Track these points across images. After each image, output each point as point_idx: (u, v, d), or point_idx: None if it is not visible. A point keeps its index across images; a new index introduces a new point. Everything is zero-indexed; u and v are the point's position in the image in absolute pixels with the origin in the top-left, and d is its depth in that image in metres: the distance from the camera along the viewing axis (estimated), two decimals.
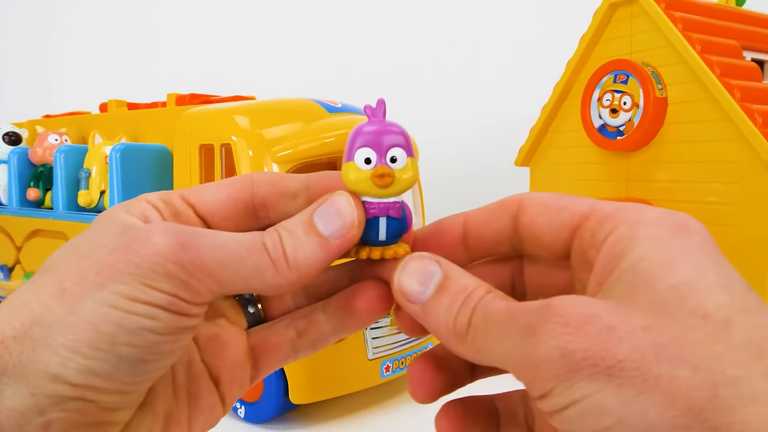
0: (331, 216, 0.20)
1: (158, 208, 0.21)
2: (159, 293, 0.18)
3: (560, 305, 0.16)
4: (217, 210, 0.22)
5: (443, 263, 0.20)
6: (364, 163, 0.20)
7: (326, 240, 0.20)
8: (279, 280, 0.20)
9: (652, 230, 0.17)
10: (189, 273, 0.18)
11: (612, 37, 0.62)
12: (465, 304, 0.19)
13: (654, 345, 0.15)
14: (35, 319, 0.17)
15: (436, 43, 1.27)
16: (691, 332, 0.15)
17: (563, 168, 0.68)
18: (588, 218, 0.19)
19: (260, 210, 0.23)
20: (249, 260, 0.19)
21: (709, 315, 0.15)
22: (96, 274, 0.18)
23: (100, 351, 0.17)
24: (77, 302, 0.17)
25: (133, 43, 1.32)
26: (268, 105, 0.55)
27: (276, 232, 0.20)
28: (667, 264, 0.16)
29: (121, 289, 0.17)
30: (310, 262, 0.20)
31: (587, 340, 0.15)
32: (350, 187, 0.21)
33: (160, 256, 0.18)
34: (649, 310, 0.15)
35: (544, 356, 0.16)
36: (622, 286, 0.16)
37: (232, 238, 0.19)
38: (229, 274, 0.19)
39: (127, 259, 0.18)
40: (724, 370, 0.14)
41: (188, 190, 0.23)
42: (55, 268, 0.19)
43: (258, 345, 0.23)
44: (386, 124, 0.21)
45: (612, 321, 0.15)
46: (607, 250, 0.17)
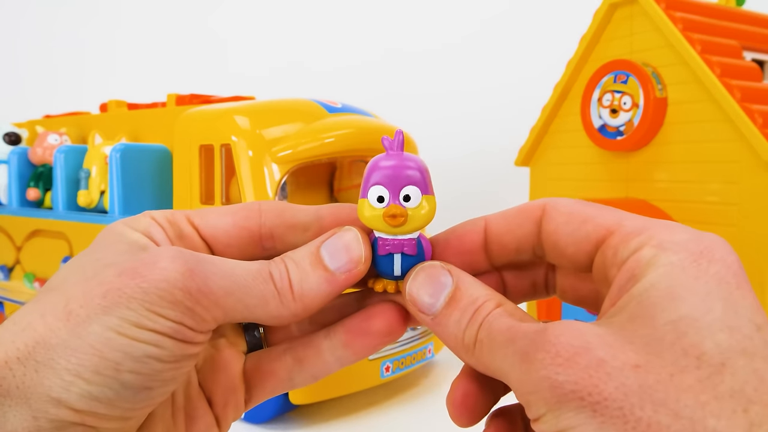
0: (339, 250, 0.20)
1: (163, 227, 0.21)
2: (165, 320, 0.18)
3: (554, 333, 0.16)
4: (220, 236, 0.22)
5: (455, 273, 0.20)
6: (376, 202, 0.20)
7: (332, 274, 0.20)
8: (283, 310, 0.20)
9: (673, 255, 0.17)
10: (195, 300, 0.18)
11: (612, 37, 0.62)
12: (473, 319, 0.19)
13: (640, 386, 0.15)
14: (39, 341, 0.17)
15: (436, 43, 1.27)
16: (681, 375, 0.15)
17: (563, 168, 0.68)
18: (613, 234, 0.19)
19: (266, 241, 0.22)
20: (255, 289, 0.19)
21: (705, 356, 0.15)
22: (102, 297, 0.17)
23: (103, 377, 0.17)
24: (83, 325, 0.17)
25: (133, 43, 1.32)
26: (268, 105, 0.55)
27: (283, 263, 0.20)
28: (674, 296, 0.16)
29: (128, 314, 0.17)
30: (314, 294, 0.20)
31: (576, 372, 0.15)
32: (365, 223, 0.20)
33: (168, 283, 0.18)
34: (644, 346, 0.15)
35: (535, 384, 0.16)
36: (626, 313, 0.16)
37: (239, 266, 0.19)
38: (234, 302, 0.19)
39: (135, 284, 0.17)
40: (704, 420, 0.14)
41: (194, 212, 0.23)
42: (60, 288, 0.19)
43: (252, 370, 0.23)
44: (402, 159, 0.20)
45: (603, 354, 0.15)
46: (625, 271, 0.17)
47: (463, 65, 1.25)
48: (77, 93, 1.18)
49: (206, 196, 0.53)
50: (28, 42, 1.32)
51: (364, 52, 1.27)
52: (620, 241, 0.18)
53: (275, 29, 1.30)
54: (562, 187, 0.68)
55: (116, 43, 1.32)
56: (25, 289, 0.70)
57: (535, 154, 0.71)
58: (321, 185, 0.62)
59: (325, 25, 1.29)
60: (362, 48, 1.27)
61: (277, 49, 1.30)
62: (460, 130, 1.24)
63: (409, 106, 1.14)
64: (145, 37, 1.32)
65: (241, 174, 0.50)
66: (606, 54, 0.62)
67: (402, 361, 0.56)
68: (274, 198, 0.50)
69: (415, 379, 0.61)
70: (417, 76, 1.26)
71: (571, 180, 0.67)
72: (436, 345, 0.59)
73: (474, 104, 1.23)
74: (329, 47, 1.28)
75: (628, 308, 0.16)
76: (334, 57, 1.28)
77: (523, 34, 1.22)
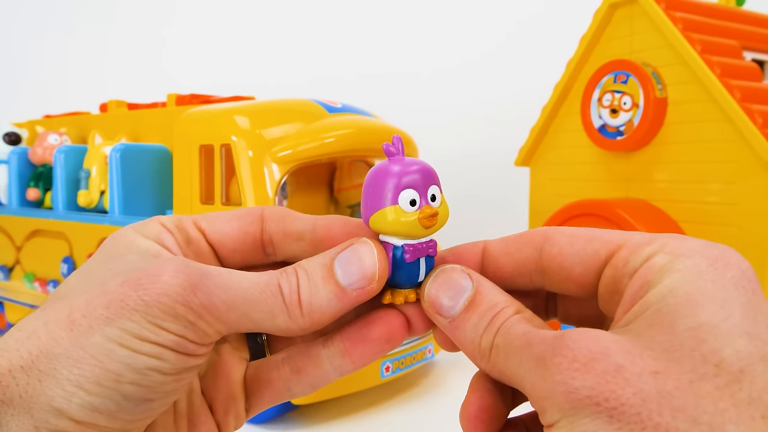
0: (352, 265, 0.20)
1: (172, 232, 0.21)
2: (167, 333, 0.17)
3: (572, 338, 0.16)
4: (226, 241, 0.22)
5: (475, 277, 0.20)
6: (409, 206, 0.20)
7: (343, 290, 0.19)
8: (291, 325, 0.19)
9: (687, 260, 0.17)
10: (197, 315, 0.18)
11: (612, 37, 0.62)
12: (491, 324, 0.19)
13: (659, 391, 0.14)
14: (43, 350, 0.17)
15: (436, 43, 1.27)
16: (700, 382, 0.14)
17: (563, 168, 0.68)
18: (622, 247, 0.19)
19: (267, 247, 0.22)
20: (263, 303, 0.19)
21: (723, 363, 0.15)
22: (105, 307, 0.17)
23: (104, 388, 0.17)
24: (85, 336, 0.17)
25: (133, 43, 1.32)
26: (268, 105, 0.55)
27: (294, 274, 0.20)
28: (693, 302, 0.16)
29: (129, 326, 0.17)
30: (323, 310, 0.19)
31: (593, 377, 0.15)
32: (392, 231, 0.20)
33: (169, 297, 0.17)
34: (663, 352, 0.15)
35: (550, 389, 0.16)
36: (644, 320, 0.16)
37: (246, 279, 0.19)
38: (239, 316, 0.19)
39: (137, 296, 0.17)
40: (723, 427, 0.14)
41: (201, 217, 0.22)
42: (67, 297, 0.19)
43: (251, 378, 0.23)
44: (413, 162, 0.20)
45: (621, 360, 0.15)
46: (638, 277, 0.17)
47: (463, 65, 1.25)
48: (77, 93, 1.18)
49: (206, 196, 0.53)
50: (28, 42, 1.32)
51: (365, 53, 1.27)
52: (631, 251, 0.18)
53: (275, 29, 1.30)
54: (562, 187, 0.68)
55: (116, 43, 1.32)
56: (25, 289, 0.70)
57: (535, 154, 0.71)
58: (321, 185, 0.62)
59: (325, 24, 1.29)
60: (362, 49, 1.27)
61: (277, 49, 1.30)
62: (460, 130, 1.24)
63: (409, 106, 1.14)
64: (145, 37, 1.32)
65: (241, 174, 0.50)
66: (606, 54, 0.62)
67: (402, 361, 0.56)
68: (274, 198, 0.50)
69: (415, 379, 0.61)
70: (417, 77, 1.26)
71: (571, 180, 0.67)
72: (436, 345, 0.59)
73: (474, 104, 1.23)
74: (329, 47, 1.28)
75: (646, 315, 0.16)
76: (334, 57, 1.28)
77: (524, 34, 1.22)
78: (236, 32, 1.31)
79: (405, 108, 1.03)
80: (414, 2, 1.27)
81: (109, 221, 0.60)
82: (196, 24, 1.32)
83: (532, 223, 0.72)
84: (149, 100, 0.71)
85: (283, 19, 1.30)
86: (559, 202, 0.63)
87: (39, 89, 1.29)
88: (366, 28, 1.28)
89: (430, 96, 1.24)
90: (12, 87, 1.28)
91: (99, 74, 1.30)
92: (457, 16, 1.27)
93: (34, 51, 1.32)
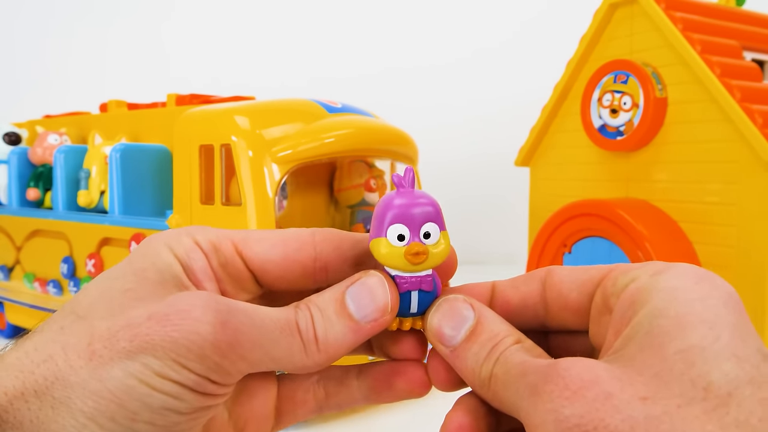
0: (364, 299, 0.20)
1: (206, 252, 0.20)
2: (189, 373, 0.17)
3: (564, 366, 0.16)
4: (270, 269, 0.21)
5: (476, 307, 0.20)
6: (397, 240, 0.20)
7: (357, 323, 0.20)
8: (307, 362, 0.19)
9: (673, 280, 0.17)
10: (223, 355, 0.17)
11: (612, 37, 0.62)
12: (491, 353, 0.19)
13: (647, 417, 0.15)
14: (59, 377, 0.17)
15: (436, 43, 1.27)
16: (688, 406, 0.15)
17: (563, 168, 0.68)
18: (613, 270, 0.19)
19: (319, 274, 0.21)
20: (282, 342, 0.19)
21: (712, 386, 0.15)
22: (129, 341, 0.17)
23: (117, 425, 0.17)
24: (104, 368, 0.17)
25: (133, 43, 1.32)
26: (268, 105, 0.55)
27: (308, 311, 0.19)
28: (682, 323, 0.16)
29: (152, 363, 0.17)
30: (339, 344, 0.19)
31: (583, 406, 0.15)
32: (382, 262, 0.20)
33: (199, 336, 0.17)
34: (653, 377, 0.15)
35: (542, 418, 0.16)
36: (635, 344, 0.16)
37: (268, 317, 0.19)
38: (261, 355, 0.18)
39: (164, 332, 0.17)
40: None
41: (243, 237, 0.21)
42: (87, 318, 0.18)
43: (286, 398, 0.22)
44: (417, 197, 0.20)
45: (611, 388, 0.15)
46: (625, 298, 0.17)
47: (464, 65, 1.25)
48: (77, 93, 1.18)
49: (206, 196, 0.53)
50: (28, 42, 1.32)
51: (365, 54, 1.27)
52: (620, 273, 0.19)
53: (276, 29, 1.30)
54: (562, 187, 0.68)
55: (116, 43, 1.32)
56: (25, 289, 0.70)
57: (535, 154, 0.71)
58: (321, 185, 0.62)
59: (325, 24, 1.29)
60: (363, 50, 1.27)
61: (277, 49, 1.30)
62: (460, 130, 1.24)
63: (409, 106, 1.14)
64: (145, 37, 1.32)
65: (241, 174, 0.50)
66: (606, 54, 0.62)
67: None
68: (274, 198, 0.50)
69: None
70: (417, 77, 1.26)
71: (571, 180, 0.67)
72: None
73: (474, 104, 1.23)
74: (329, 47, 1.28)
75: (636, 338, 0.16)
76: (334, 57, 1.28)
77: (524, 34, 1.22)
78: (236, 32, 1.31)
79: (405, 108, 1.03)
80: (414, 4, 1.27)
81: (109, 221, 0.60)
82: (196, 24, 1.32)
83: (532, 223, 0.72)
84: (149, 100, 0.71)
85: (283, 19, 1.30)
86: (559, 202, 0.63)
87: (39, 89, 1.29)
88: (366, 29, 1.28)
89: (430, 96, 1.24)
90: (12, 87, 1.28)
91: (99, 74, 1.30)
92: (457, 17, 1.27)
93: (34, 51, 1.33)
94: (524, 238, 0.74)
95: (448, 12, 1.26)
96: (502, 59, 1.23)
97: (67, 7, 1.32)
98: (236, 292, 0.21)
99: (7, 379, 0.17)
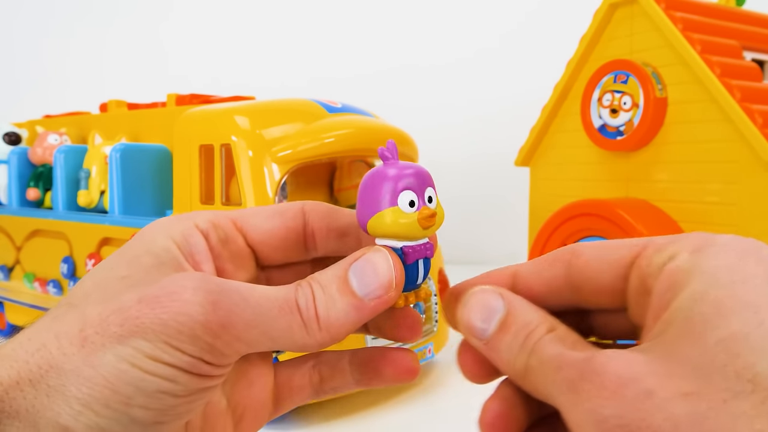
0: (368, 275, 0.19)
1: (205, 233, 0.21)
2: (182, 355, 0.17)
3: (601, 362, 0.15)
4: (268, 239, 0.21)
5: (506, 296, 0.19)
6: (408, 207, 0.20)
7: (360, 301, 0.19)
8: (308, 341, 0.19)
9: (714, 259, 0.16)
10: (216, 335, 0.17)
11: (612, 37, 0.62)
12: (524, 344, 0.18)
13: (690, 414, 0.14)
14: (53, 365, 0.17)
15: (436, 43, 1.27)
16: (734, 401, 0.14)
17: (563, 168, 0.68)
18: (646, 247, 0.18)
19: (309, 241, 0.22)
20: (281, 320, 0.18)
21: (758, 377, 0.14)
22: (119, 324, 0.17)
23: (112, 410, 0.17)
24: (97, 354, 0.17)
25: (133, 43, 1.32)
26: (268, 105, 0.55)
27: (309, 288, 0.19)
28: (723, 309, 0.15)
29: (143, 346, 0.17)
30: (341, 323, 0.19)
31: (622, 406, 0.14)
32: (394, 231, 0.20)
33: (189, 317, 0.17)
34: (694, 369, 0.14)
35: (581, 418, 0.15)
36: (674, 330, 0.15)
37: (264, 296, 0.19)
38: (258, 335, 0.18)
39: (154, 314, 0.17)
40: None
41: (239, 214, 0.22)
42: (80, 306, 0.18)
43: (283, 384, 0.22)
44: (410, 165, 0.20)
45: (651, 385, 0.14)
46: (664, 279, 0.17)
47: (464, 65, 1.25)
48: (77, 93, 1.18)
49: (206, 196, 0.53)
50: (28, 42, 1.32)
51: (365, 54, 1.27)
52: (655, 250, 0.18)
53: (276, 29, 1.30)
54: (562, 187, 0.68)
55: (116, 43, 1.32)
56: (25, 289, 0.70)
57: (535, 154, 0.71)
58: (321, 185, 0.62)
59: (325, 24, 1.29)
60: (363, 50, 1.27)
61: (277, 49, 1.30)
62: (460, 130, 1.24)
63: (409, 106, 1.14)
64: (145, 37, 1.32)
65: (241, 174, 0.50)
66: (606, 54, 0.62)
67: None
68: (274, 198, 0.50)
69: (416, 379, 0.61)
70: (417, 77, 1.26)
71: (571, 180, 0.67)
72: (436, 345, 0.59)
73: (474, 104, 1.23)
74: (329, 47, 1.28)
75: (675, 324, 0.15)
76: (334, 57, 1.28)
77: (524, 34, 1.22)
78: (236, 32, 1.31)
79: (405, 108, 1.03)
80: (414, 4, 1.27)
81: (109, 221, 0.60)
82: (196, 24, 1.32)
83: (532, 223, 0.72)
84: (149, 100, 0.71)
85: (283, 19, 1.30)
86: (559, 202, 0.63)
87: (39, 89, 1.29)
88: (366, 29, 1.28)
89: (430, 96, 1.24)
90: (12, 87, 1.29)
91: (99, 74, 1.30)
92: (457, 17, 1.27)
93: (34, 51, 1.33)
94: (524, 238, 0.74)
95: (448, 12, 1.26)
96: (502, 59, 1.23)
97: (67, 7, 1.31)
98: (235, 270, 0.21)
99: (2, 369, 0.17)
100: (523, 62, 1.20)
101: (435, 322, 0.58)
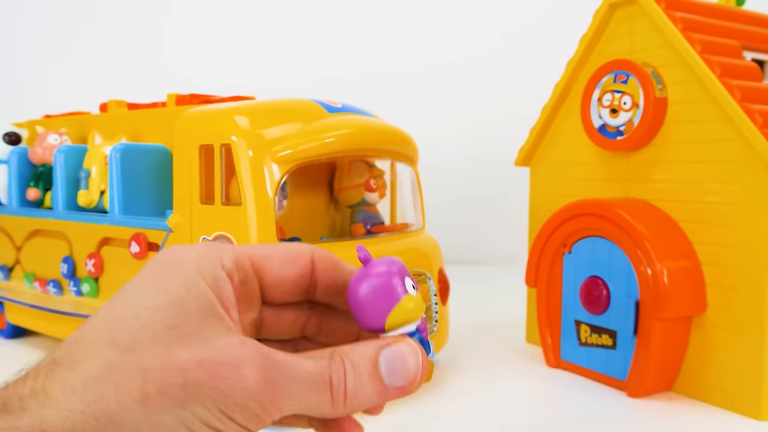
0: (398, 368, 0.21)
1: (230, 274, 0.21)
2: (232, 423, 0.18)
3: None
4: (280, 284, 0.23)
5: None
6: (413, 290, 0.22)
7: (386, 387, 0.21)
8: (332, 413, 0.21)
9: None
10: (264, 409, 0.19)
11: (612, 37, 0.62)
12: None
13: None
14: (112, 418, 0.17)
15: (436, 43, 1.27)
16: None
17: (563, 168, 0.68)
18: None
19: (311, 289, 0.24)
20: (314, 395, 0.20)
21: None
22: (181, 388, 0.18)
23: None
24: (158, 413, 0.18)
25: (133, 42, 1.32)
26: (268, 105, 0.55)
27: (342, 366, 0.21)
28: None
29: (200, 412, 0.18)
30: (365, 403, 0.21)
31: None
32: (416, 316, 0.21)
33: (246, 392, 0.18)
34: None
35: None
36: None
37: (305, 371, 0.20)
38: (293, 406, 0.20)
39: (214, 384, 0.18)
40: None
41: (257, 255, 0.23)
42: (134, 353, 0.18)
43: None
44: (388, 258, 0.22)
45: None
46: None
47: (463, 65, 1.25)
48: (77, 93, 1.18)
49: (206, 196, 0.53)
50: (28, 42, 1.32)
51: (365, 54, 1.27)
52: None
53: (276, 29, 1.30)
54: (562, 187, 0.68)
55: (116, 43, 1.32)
56: (25, 289, 0.70)
57: (535, 154, 0.71)
58: (321, 185, 0.62)
59: (325, 24, 1.29)
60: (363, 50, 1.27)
61: (277, 49, 1.30)
62: (460, 130, 1.24)
63: (409, 106, 1.14)
64: (145, 37, 1.32)
65: (241, 174, 0.50)
66: (606, 54, 0.62)
67: None
68: (274, 198, 0.50)
69: None
70: (417, 78, 1.26)
71: (571, 180, 0.67)
72: (435, 345, 0.59)
73: (474, 104, 1.23)
74: (329, 48, 1.28)
75: None
76: (334, 57, 1.28)
77: (524, 34, 1.22)
78: (236, 32, 1.31)
79: (405, 108, 1.03)
80: (414, 4, 1.27)
81: (109, 221, 0.60)
82: (196, 24, 1.32)
83: (532, 223, 0.72)
84: (149, 100, 0.71)
85: (283, 19, 1.30)
86: (559, 202, 0.63)
87: (39, 89, 1.29)
88: (366, 29, 1.28)
89: (430, 96, 1.24)
90: (12, 87, 1.29)
91: (99, 74, 1.30)
92: (457, 17, 1.27)
93: (34, 51, 1.32)
94: (524, 238, 0.74)
95: (448, 12, 1.26)
96: (502, 59, 1.23)
97: (67, 7, 1.31)
98: (246, 311, 0.23)
99: (55, 418, 0.17)
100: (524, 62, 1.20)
101: (435, 322, 0.58)
